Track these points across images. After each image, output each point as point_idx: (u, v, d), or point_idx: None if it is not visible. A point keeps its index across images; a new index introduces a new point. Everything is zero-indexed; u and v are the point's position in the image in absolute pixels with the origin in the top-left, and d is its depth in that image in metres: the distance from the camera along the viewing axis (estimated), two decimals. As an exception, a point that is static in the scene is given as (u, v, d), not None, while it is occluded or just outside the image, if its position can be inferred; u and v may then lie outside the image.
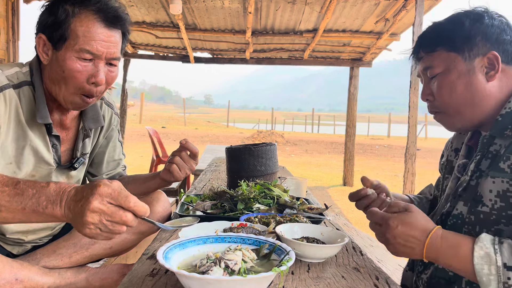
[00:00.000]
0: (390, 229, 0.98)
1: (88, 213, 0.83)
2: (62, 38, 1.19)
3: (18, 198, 0.91)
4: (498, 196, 1.01)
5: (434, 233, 0.96)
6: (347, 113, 8.32)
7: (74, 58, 1.20)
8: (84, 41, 1.19)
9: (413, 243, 0.97)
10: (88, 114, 1.46)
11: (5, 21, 4.71)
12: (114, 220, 0.84)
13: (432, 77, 1.14)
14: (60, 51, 1.21)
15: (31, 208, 0.90)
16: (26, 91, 1.27)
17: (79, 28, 1.19)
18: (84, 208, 0.84)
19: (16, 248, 1.48)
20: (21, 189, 0.92)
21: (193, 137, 18.60)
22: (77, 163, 1.47)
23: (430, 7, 5.57)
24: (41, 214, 0.91)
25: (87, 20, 1.20)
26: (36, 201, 0.90)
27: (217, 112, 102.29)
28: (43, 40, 1.24)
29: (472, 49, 1.08)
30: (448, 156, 1.31)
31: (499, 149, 1.05)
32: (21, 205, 0.91)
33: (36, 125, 1.30)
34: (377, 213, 1.04)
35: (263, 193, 1.72)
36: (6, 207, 0.91)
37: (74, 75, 1.21)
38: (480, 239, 0.92)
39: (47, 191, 0.91)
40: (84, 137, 1.48)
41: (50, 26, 1.21)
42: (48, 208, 0.90)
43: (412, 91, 4.72)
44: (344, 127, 8.68)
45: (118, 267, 1.49)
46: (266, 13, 6.06)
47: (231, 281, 0.77)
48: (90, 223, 0.84)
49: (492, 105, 1.09)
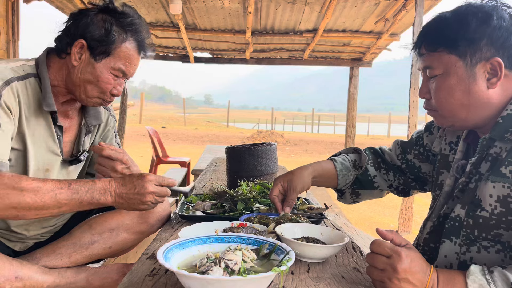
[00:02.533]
0: (401, 260, 0.89)
1: (147, 195, 1.23)
2: (105, 53, 1.35)
3: (75, 195, 1.18)
4: (498, 201, 0.99)
5: (432, 273, 0.92)
6: (347, 113, 8.32)
7: (110, 72, 1.37)
8: (123, 63, 1.38)
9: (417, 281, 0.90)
10: (90, 111, 1.53)
11: (5, 21, 4.71)
12: (161, 194, 1.27)
13: (432, 77, 1.11)
14: (98, 63, 1.35)
15: (87, 201, 1.20)
16: (33, 82, 1.34)
17: (124, 52, 1.37)
18: (142, 192, 1.22)
19: (18, 244, 1.48)
20: (75, 189, 1.18)
21: (193, 137, 18.62)
22: (82, 156, 1.53)
23: (430, 7, 5.57)
24: (96, 204, 1.21)
25: (131, 47, 1.39)
26: (91, 195, 1.20)
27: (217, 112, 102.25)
28: (82, 44, 1.34)
29: (475, 54, 1.02)
30: (441, 148, 1.28)
31: (499, 152, 1.03)
32: (79, 200, 1.19)
33: (42, 115, 1.36)
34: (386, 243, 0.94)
35: (263, 193, 1.72)
36: (67, 204, 1.18)
37: (105, 86, 1.38)
38: (470, 272, 0.90)
39: (96, 187, 1.21)
40: (87, 132, 1.54)
41: (97, 39, 1.34)
42: (101, 199, 1.21)
43: (412, 91, 4.72)
44: (344, 127, 8.68)
45: (118, 267, 1.49)
46: (266, 13, 6.06)
47: (231, 281, 0.77)
48: (148, 201, 1.24)
49: (491, 110, 1.05)
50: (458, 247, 1.06)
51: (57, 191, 1.16)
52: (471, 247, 1.04)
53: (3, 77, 1.24)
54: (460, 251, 1.06)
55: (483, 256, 1.03)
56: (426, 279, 0.91)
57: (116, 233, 1.49)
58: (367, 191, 1.52)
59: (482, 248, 1.03)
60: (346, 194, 1.55)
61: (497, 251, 1.01)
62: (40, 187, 1.14)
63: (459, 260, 1.06)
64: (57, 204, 1.16)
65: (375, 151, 1.55)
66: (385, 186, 1.50)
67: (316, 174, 1.48)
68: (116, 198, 1.22)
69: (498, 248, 1.01)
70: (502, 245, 1.01)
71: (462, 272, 0.92)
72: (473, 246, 1.04)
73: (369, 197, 1.56)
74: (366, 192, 1.53)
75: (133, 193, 1.22)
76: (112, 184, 1.23)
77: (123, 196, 1.22)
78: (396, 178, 1.48)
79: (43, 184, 1.15)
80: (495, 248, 1.01)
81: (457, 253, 1.06)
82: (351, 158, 1.55)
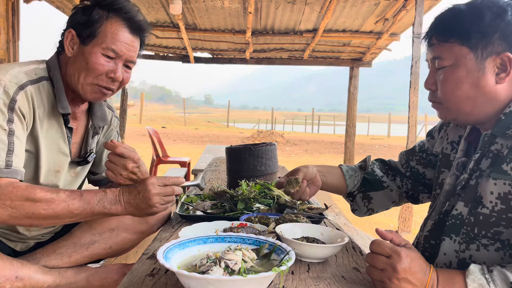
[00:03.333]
0: (401, 260, 0.89)
1: (152, 197, 1.22)
2: (91, 35, 1.33)
3: (87, 206, 1.20)
4: (499, 198, 0.99)
5: (432, 273, 0.93)
6: (347, 113, 8.32)
7: (100, 53, 1.34)
8: (111, 41, 1.34)
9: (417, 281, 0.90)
10: (97, 113, 1.53)
11: (5, 21, 4.71)
12: (167, 194, 1.25)
13: (440, 68, 1.10)
14: (87, 46, 1.34)
15: (99, 211, 1.22)
16: (46, 85, 1.35)
17: (108, 30, 1.34)
18: (147, 195, 1.22)
19: (19, 244, 1.48)
20: (87, 200, 1.20)
21: (193, 137, 18.61)
22: (90, 157, 1.54)
23: (430, 7, 5.57)
24: (106, 214, 1.24)
25: (117, 24, 1.36)
26: (102, 205, 1.22)
27: (217, 112, 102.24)
28: (72, 35, 1.35)
29: (487, 47, 1.02)
30: (443, 148, 1.28)
31: (500, 149, 1.03)
32: (91, 211, 1.21)
33: (55, 117, 1.38)
34: (386, 243, 0.94)
35: (263, 193, 1.72)
36: (79, 214, 1.21)
37: (96, 67, 1.34)
38: (469, 272, 0.91)
39: (107, 197, 1.23)
40: (94, 134, 1.55)
41: (82, 24, 1.34)
42: (112, 209, 1.23)
43: (412, 91, 4.72)
44: (344, 127, 8.67)
45: (118, 267, 1.49)
46: (266, 13, 6.06)
47: (231, 281, 0.77)
48: (156, 203, 1.23)
49: (496, 106, 1.05)
50: (457, 245, 1.06)
51: (69, 202, 1.19)
52: (470, 245, 1.04)
53: (18, 81, 1.24)
54: (459, 249, 1.06)
55: (483, 254, 1.03)
56: (426, 279, 0.91)
57: (116, 233, 1.49)
58: (378, 193, 1.49)
59: (481, 246, 1.03)
60: (357, 199, 1.51)
61: (497, 249, 1.01)
62: (53, 198, 1.17)
63: (458, 258, 1.06)
64: (69, 214, 1.19)
65: (382, 160, 1.56)
66: (394, 187, 1.49)
67: (321, 169, 1.46)
68: (126, 206, 1.24)
69: (498, 246, 1.01)
70: (502, 243, 1.01)
71: (462, 272, 0.93)
72: (472, 244, 1.04)
73: (383, 203, 1.50)
74: (378, 195, 1.49)
75: (140, 198, 1.22)
76: (121, 193, 1.25)
77: (132, 203, 1.24)
78: (403, 184, 1.48)
79: (56, 195, 1.18)
80: (495, 246, 1.02)
81: (457, 251, 1.06)
82: (357, 164, 1.55)
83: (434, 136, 1.38)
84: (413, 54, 4.67)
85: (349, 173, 1.50)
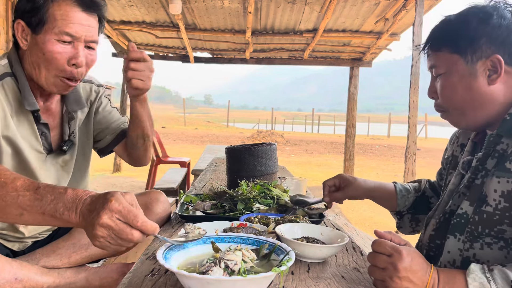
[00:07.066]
0: (402, 259, 0.90)
1: (98, 227, 0.85)
2: (40, 22, 1.24)
3: (38, 203, 0.93)
4: (502, 196, 1.00)
5: (433, 272, 0.93)
6: (347, 113, 8.32)
7: (54, 40, 1.24)
8: (63, 24, 1.23)
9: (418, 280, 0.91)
10: (70, 97, 1.46)
11: (5, 21, 4.71)
12: (121, 237, 0.86)
13: (437, 75, 1.15)
14: (40, 35, 1.24)
15: (50, 213, 0.93)
16: (9, 82, 1.29)
17: (57, 12, 1.24)
18: (94, 221, 0.86)
19: (17, 244, 1.47)
20: (40, 194, 0.94)
21: (193, 137, 18.61)
22: (65, 146, 1.46)
23: (430, 7, 5.57)
24: (58, 219, 0.93)
25: (65, 4, 1.25)
26: (54, 207, 0.92)
27: (217, 112, 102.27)
28: (22, 25, 1.28)
29: (476, 52, 1.06)
30: (453, 151, 1.30)
31: (506, 148, 1.04)
32: (41, 210, 0.93)
33: (23, 114, 1.31)
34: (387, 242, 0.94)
35: (263, 193, 1.71)
36: (28, 211, 0.95)
37: (55, 57, 1.24)
38: (470, 271, 0.91)
39: (64, 197, 0.92)
40: (69, 120, 1.48)
41: (28, 12, 1.25)
42: (65, 215, 0.92)
43: (412, 91, 4.72)
44: (344, 127, 8.67)
45: (117, 267, 1.49)
46: (266, 13, 6.06)
47: (231, 281, 0.77)
48: (100, 236, 0.86)
49: (497, 107, 1.08)
50: (461, 244, 1.07)
51: (21, 193, 0.95)
52: (474, 244, 1.05)
53: None
54: (463, 247, 1.06)
55: (486, 253, 1.03)
56: (426, 278, 0.91)
57: (116, 233, 1.48)
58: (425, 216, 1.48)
59: (485, 244, 1.03)
60: (405, 218, 1.51)
61: (500, 248, 1.02)
62: (6, 183, 0.96)
63: (462, 256, 1.06)
64: (17, 209, 0.95)
65: (429, 181, 1.54)
66: None
67: (375, 189, 1.50)
68: (80, 218, 0.91)
69: (501, 244, 1.02)
70: (505, 241, 1.01)
71: (463, 271, 0.93)
72: (476, 242, 1.04)
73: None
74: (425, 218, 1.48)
75: (90, 217, 0.88)
76: (82, 198, 0.92)
77: (85, 217, 0.90)
78: None
79: (11, 181, 0.96)
80: (498, 244, 1.02)
81: (461, 249, 1.07)
82: (411, 185, 1.54)
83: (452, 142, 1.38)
84: (413, 54, 4.67)
85: (402, 192, 1.49)
